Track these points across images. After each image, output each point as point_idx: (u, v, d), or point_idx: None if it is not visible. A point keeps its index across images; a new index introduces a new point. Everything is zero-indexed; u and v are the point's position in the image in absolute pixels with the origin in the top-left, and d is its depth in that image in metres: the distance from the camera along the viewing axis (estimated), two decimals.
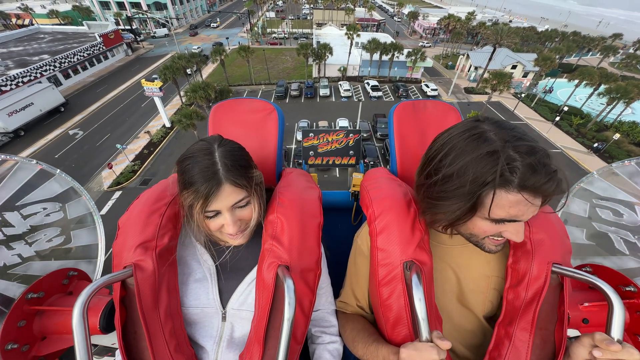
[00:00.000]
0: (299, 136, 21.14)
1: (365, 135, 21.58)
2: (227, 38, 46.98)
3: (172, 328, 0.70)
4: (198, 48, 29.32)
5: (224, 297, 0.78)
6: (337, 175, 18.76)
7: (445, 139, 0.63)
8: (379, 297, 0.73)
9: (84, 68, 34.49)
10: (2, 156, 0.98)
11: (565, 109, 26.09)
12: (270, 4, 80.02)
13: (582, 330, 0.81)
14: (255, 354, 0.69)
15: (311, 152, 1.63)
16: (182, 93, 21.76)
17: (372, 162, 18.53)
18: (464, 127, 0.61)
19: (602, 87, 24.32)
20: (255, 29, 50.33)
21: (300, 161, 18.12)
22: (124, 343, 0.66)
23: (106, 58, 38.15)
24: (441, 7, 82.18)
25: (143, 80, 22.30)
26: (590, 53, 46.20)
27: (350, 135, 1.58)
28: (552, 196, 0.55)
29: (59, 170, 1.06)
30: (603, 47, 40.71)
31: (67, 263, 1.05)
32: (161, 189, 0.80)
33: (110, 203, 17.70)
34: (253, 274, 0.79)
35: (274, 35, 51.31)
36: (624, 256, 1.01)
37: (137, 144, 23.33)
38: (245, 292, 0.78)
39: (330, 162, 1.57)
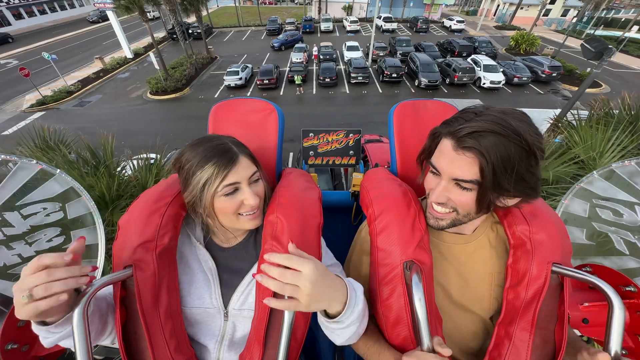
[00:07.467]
0: (294, 58, 17.79)
1: (382, 54, 19.84)
2: None
3: (172, 328, 0.71)
4: None
5: (225, 297, 0.79)
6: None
7: None
8: (379, 296, 0.74)
9: (42, 12, 29.30)
10: (2, 156, 0.99)
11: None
12: None
13: (582, 330, 0.80)
14: (255, 354, 0.70)
15: (311, 152, 1.52)
16: None
17: (394, 75, 13.98)
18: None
19: None
20: None
21: (295, 76, 16.14)
22: (124, 343, 0.66)
23: (72, 7, 32.65)
24: None
25: None
26: (623, 11, 40.54)
27: (350, 135, 1.48)
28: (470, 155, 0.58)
29: (59, 170, 1.06)
30: None
31: None
32: (162, 189, 0.80)
33: (21, 124, 12.46)
34: (252, 273, 0.80)
35: None
36: (624, 256, 1.03)
37: (85, 72, 18.11)
38: (246, 292, 0.79)
39: (330, 162, 1.52)
